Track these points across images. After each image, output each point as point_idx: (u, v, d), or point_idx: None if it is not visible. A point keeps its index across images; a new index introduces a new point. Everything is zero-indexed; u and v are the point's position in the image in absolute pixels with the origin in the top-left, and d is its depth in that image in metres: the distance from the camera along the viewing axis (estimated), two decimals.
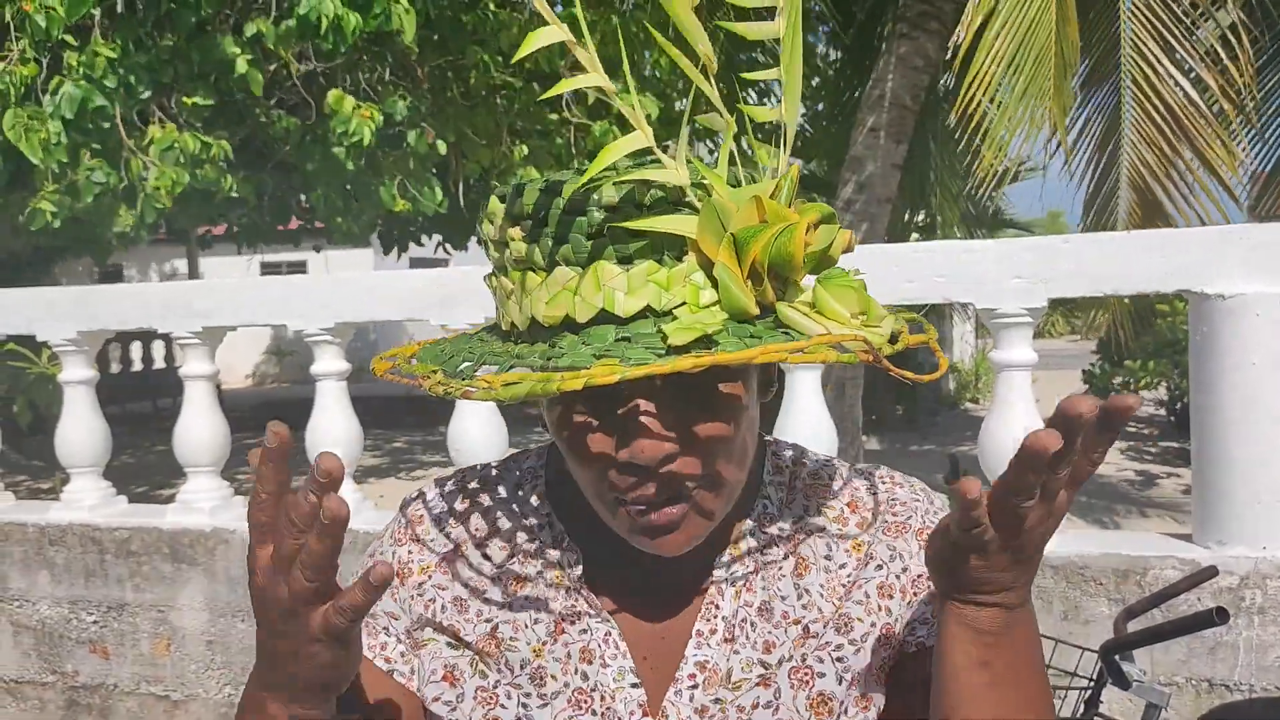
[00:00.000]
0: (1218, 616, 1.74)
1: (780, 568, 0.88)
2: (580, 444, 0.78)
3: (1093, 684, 2.11)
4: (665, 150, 0.75)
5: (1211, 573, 2.16)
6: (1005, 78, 4.73)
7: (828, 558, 0.88)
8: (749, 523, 0.90)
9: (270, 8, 5.85)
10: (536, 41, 0.74)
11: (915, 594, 0.87)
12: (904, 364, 0.74)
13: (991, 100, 4.80)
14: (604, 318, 0.72)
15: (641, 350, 0.69)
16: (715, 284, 0.72)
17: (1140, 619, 2.17)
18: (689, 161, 0.75)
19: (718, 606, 0.86)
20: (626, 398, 0.75)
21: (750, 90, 8.09)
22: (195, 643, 3.61)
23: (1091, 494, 8.37)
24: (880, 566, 0.87)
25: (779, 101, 0.79)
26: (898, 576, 0.87)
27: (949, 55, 4.83)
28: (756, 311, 0.71)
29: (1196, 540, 2.76)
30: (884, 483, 0.94)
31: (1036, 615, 0.77)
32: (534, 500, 0.93)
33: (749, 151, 0.81)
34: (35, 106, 5.28)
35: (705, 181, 0.73)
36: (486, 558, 0.90)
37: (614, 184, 0.73)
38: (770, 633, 0.85)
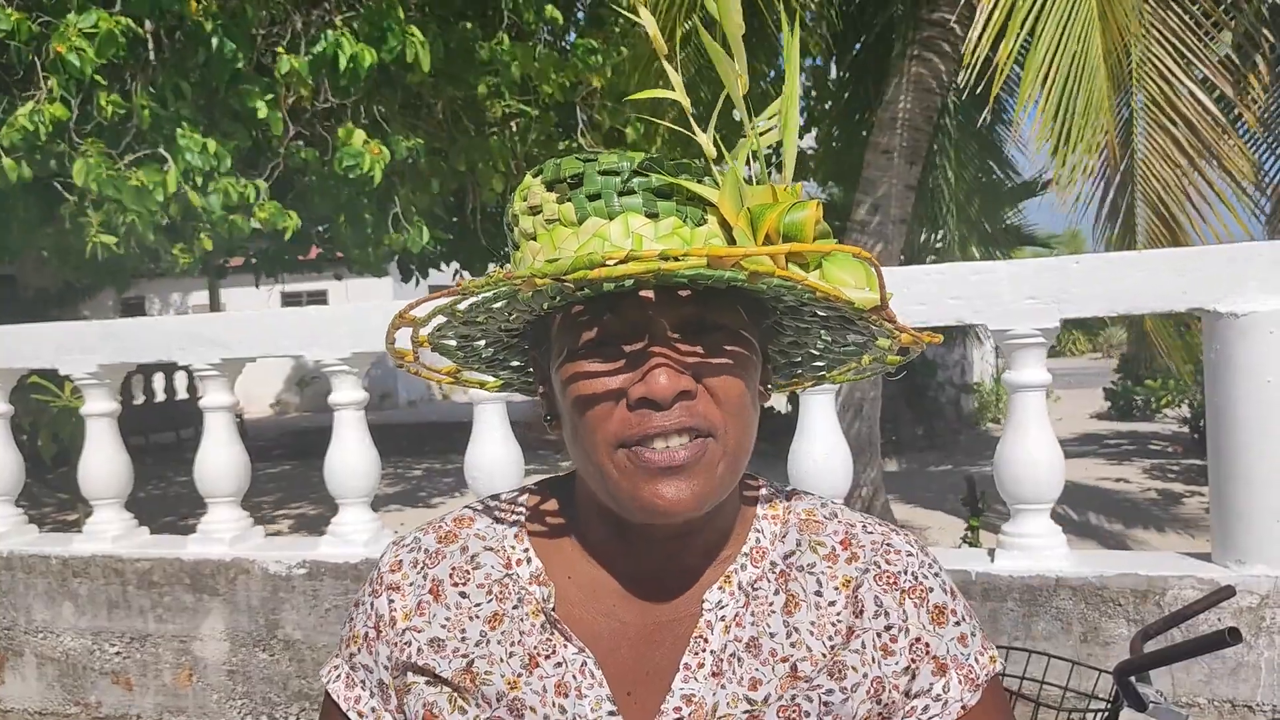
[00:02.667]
0: (1230, 637, 1.72)
1: (771, 603, 0.88)
2: (593, 387, 0.80)
3: (1109, 706, 2.09)
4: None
5: (1228, 593, 2.15)
6: (1059, 96, 4.72)
7: (818, 594, 0.88)
8: (740, 556, 0.90)
9: (298, 45, 5.96)
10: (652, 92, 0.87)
11: (913, 660, 0.87)
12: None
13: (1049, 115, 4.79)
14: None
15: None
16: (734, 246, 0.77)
17: (1158, 639, 2.15)
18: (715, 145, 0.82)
19: (707, 640, 0.86)
20: (644, 340, 0.78)
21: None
22: (217, 672, 3.63)
23: (1115, 513, 8.30)
24: (877, 616, 0.87)
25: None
26: (885, 630, 0.87)
27: (970, 75, 4.80)
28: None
29: (1215, 560, 2.74)
30: (880, 526, 0.94)
31: (1056, 636, 0.78)
32: (512, 538, 0.94)
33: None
34: (112, 163, 5.44)
35: (725, 169, 0.79)
36: (464, 595, 0.91)
37: (645, 155, 0.80)
38: (757, 670, 0.84)
